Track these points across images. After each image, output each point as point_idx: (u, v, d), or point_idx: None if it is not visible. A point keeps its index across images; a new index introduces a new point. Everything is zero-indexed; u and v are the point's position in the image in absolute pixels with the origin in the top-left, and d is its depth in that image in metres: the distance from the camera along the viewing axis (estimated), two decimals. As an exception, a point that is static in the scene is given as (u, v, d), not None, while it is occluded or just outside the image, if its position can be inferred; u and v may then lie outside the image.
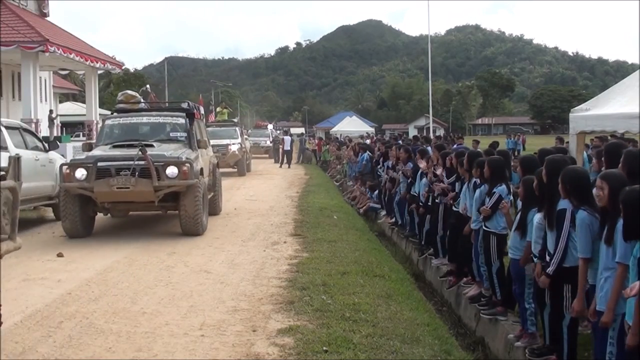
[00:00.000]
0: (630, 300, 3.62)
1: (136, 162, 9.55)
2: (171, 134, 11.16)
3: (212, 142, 22.14)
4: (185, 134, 11.11)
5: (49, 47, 18.21)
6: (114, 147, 10.56)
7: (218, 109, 30.79)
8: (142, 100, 12.93)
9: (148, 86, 15.80)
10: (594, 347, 4.25)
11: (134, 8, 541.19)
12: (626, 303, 3.68)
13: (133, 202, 10.15)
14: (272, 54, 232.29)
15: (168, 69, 73.82)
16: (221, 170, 21.69)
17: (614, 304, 3.81)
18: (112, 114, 12.25)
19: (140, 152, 9.59)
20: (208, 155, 12.29)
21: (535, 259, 5.09)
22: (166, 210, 10.65)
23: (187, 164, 9.81)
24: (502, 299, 6.29)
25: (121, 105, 12.49)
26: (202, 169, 10.69)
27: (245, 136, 30.12)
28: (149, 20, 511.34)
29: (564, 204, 4.57)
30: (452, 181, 8.05)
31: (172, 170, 9.69)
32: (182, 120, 11.34)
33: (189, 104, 12.40)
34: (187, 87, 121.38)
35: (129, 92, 13.44)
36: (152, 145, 10.23)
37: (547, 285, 4.65)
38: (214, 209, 12.24)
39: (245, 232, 10.72)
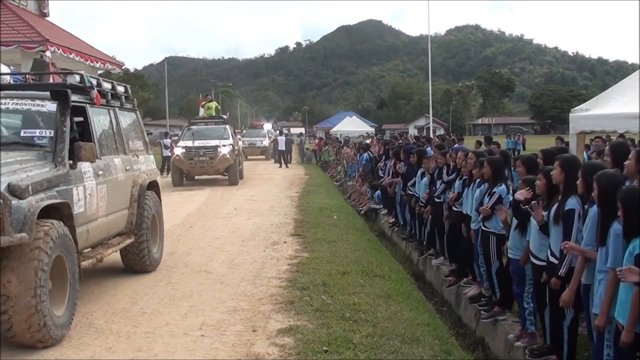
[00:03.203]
0: (620, 298, 3.62)
1: None
2: (24, 134, 6.13)
3: (197, 143, 18.50)
4: (50, 134, 6.03)
5: (49, 47, 18.18)
6: None
7: (203, 102, 23.72)
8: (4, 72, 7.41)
9: (48, 53, 10.47)
10: (593, 348, 4.24)
11: (134, 8, 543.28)
12: (616, 304, 3.69)
13: None
14: (272, 54, 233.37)
15: (168, 69, 73.75)
16: (211, 177, 19.50)
17: (607, 308, 3.81)
18: None
19: None
20: (124, 174, 7.28)
21: (534, 259, 5.09)
22: None
23: (3, 201, 4.70)
24: (499, 298, 6.30)
25: None
26: (65, 205, 5.54)
27: (239, 136, 27.04)
28: (149, 20, 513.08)
29: (571, 203, 4.56)
30: (452, 178, 8.07)
31: None
32: (48, 108, 6.21)
33: (83, 77, 6.83)
34: (187, 87, 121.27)
35: None
36: None
37: (559, 287, 4.62)
38: (140, 264, 7.67)
39: (245, 232, 10.71)
